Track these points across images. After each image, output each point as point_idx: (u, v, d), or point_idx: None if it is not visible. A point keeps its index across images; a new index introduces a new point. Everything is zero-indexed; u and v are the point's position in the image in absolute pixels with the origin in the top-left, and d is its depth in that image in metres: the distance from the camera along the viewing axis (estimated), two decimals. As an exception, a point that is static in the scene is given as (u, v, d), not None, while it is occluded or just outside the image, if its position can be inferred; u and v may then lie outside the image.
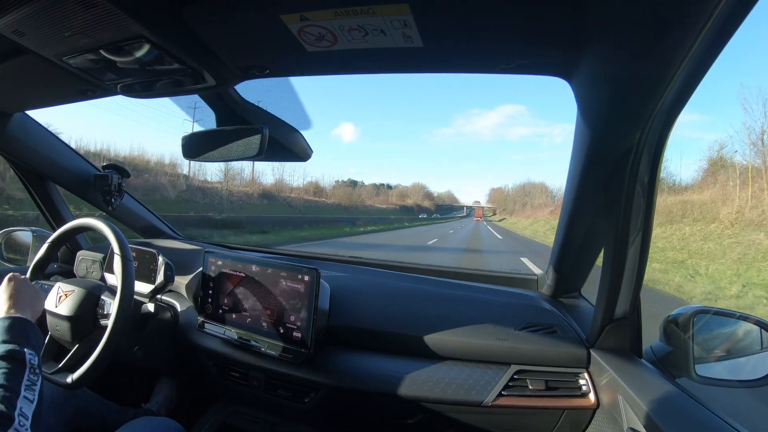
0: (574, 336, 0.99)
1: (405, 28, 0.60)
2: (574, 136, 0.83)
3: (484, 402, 0.92)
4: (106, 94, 0.97)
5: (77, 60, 0.74)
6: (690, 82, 0.59)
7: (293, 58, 0.74)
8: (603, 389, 0.89)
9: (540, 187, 75.55)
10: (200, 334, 1.15)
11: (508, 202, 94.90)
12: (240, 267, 1.09)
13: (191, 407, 1.41)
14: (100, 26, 0.63)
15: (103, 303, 0.97)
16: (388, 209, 75.88)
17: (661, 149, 0.71)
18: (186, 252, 1.50)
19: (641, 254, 0.78)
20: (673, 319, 0.90)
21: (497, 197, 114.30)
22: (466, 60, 0.71)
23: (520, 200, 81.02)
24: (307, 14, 0.59)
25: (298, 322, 1.00)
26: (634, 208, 0.76)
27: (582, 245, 1.05)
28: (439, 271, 1.46)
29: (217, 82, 0.81)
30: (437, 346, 1.02)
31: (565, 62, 0.65)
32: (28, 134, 1.27)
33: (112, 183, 1.43)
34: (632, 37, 0.53)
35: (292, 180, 53.09)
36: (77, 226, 1.05)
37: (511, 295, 1.21)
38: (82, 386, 0.89)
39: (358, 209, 54.72)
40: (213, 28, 0.67)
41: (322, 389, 1.01)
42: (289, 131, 1.00)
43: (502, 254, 12.52)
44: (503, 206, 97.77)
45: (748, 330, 0.88)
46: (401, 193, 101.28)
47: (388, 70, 0.78)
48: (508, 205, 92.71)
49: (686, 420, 0.69)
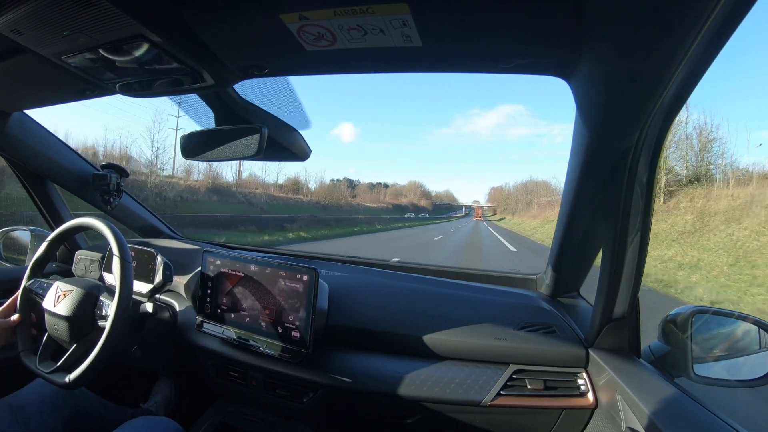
0: (572, 336, 1.00)
1: (404, 27, 0.60)
2: (572, 136, 0.83)
3: (483, 402, 0.92)
4: (104, 93, 0.97)
5: (76, 59, 0.74)
6: (688, 83, 0.59)
7: (292, 58, 0.74)
8: (601, 389, 0.89)
9: (543, 185, 69.61)
10: (199, 334, 1.15)
11: (509, 201, 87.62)
12: (239, 266, 1.09)
13: (190, 407, 1.41)
14: (99, 25, 0.62)
15: (101, 304, 0.97)
16: (378, 208, 70.75)
17: (660, 149, 0.71)
18: (185, 251, 1.49)
19: (640, 254, 0.79)
20: (672, 319, 0.90)
21: (498, 196, 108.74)
22: (465, 60, 0.71)
23: (523, 198, 74.00)
24: (307, 13, 0.59)
25: (297, 321, 1.00)
26: (633, 207, 0.76)
27: (581, 245, 1.05)
28: (438, 270, 1.46)
29: (216, 81, 0.81)
30: (436, 346, 1.02)
31: (564, 62, 0.65)
32: (27, 133, 1.27)
33: (111, 182, 1.43)
34: (631, 37, 0.54)
35: (268, 176, 47.26)
36: (76, 225, 1.05)
37: (510, 295, 1.21)
38: (79, 386, 0.89)
39: (342, 208, 47.75)
40: (212, 28, 0.67)
41: (321, 389, 1.01)
42: (288, 131, 1.00)
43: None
44: (504, 205, 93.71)
45: (747, 330, 0.89)
46: (397, 192, 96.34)
47: (388, 69, 0.78)
48: (509, 203, 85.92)
49: (685, 420, 0.69)
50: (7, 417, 0.97)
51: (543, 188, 67.79)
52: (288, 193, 40.84)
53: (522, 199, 73.79)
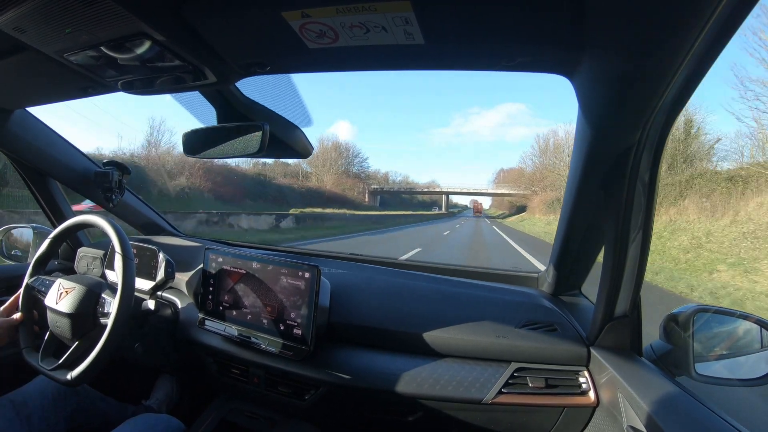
0: (574, 334, 1.00)
1: (407, 25, 0.59)
2: (575, 134, 0.83)
3: (484, 399, 0.92)
4: (106, 90, 0.97)
5: (78, 57, 0.74)
6: (691, 81, 0.59)
7: (294, 55, 0.74)
8: (603, 387, 0.89)
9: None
10: (200, 331, 1.15)
11: (540, 181, 39.11)
12: (240, 264, 1.09)
13: (191, 404, 1.42)
14: (100, 23, 0.63)
15: (103, 301, 0.97)
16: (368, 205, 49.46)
17: (662, 147, 0.71)
18: (186, 249, 1.50)
19: (642, 252, 0.79)
20: (674, 318, 0.90)
21: (512, 180, 56.12)
22: (467, 57, 0.71)
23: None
24: (309, 11, 0.59)
25: (299, 319, 1.00)
26: (635, 206, 0.76)
27: (583, 243, 1.05)
28: (440, 268, 1.46)
29: (218, 79, 0.81)
30: (437, 344, 1.02)
31: (566, 60, 0.65)
32: (29, 131, 1.27)
33: (113, 180, 1.43)
34: (633, 35, 0.53)
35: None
36: (78, 222, 1.05)
37: (512, 293, 1.21)
38: (81, 383, 0.89)
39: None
40: (214, 25, 0.67)
41: (323, 386, 1.02)
42: (290, 128, 1.00)
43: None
44: (522, 197, 49.07)
45: (748, 329, 0.89)
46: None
47: (390, 67, 0.78)
48: (537, 187, 39.89)
49: (686, 418, 0.69)
50: (10, 414, 0.97)
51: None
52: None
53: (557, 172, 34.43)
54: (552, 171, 37.32)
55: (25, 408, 1.00)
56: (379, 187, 61.65)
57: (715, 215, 11.69)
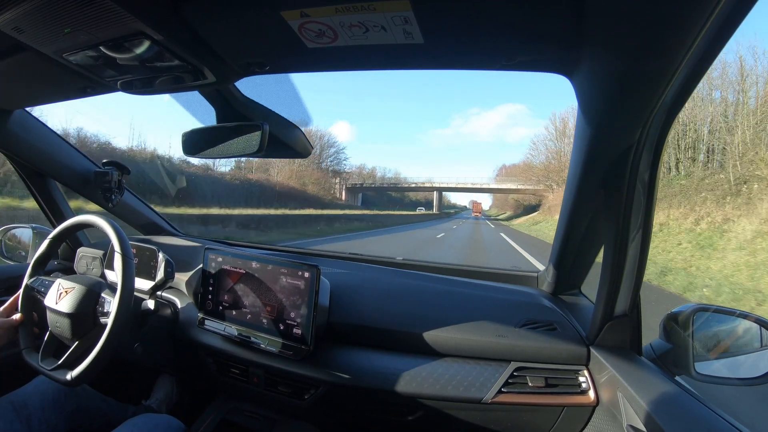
0: (574, 333, 1.00)
1: (406, 24, 0.59)
2: (575, 134, 0.83)
3: (484, 399, 0.92)
4: (105, 90, 0.97)
5: (77, 57, 0.74)
6: (691, 80, 0.59)
7: (293, 55, 0.74)
8: (603, 386, 0.89)
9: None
10: (200, 331, 1.15)
11: (559, 172, 31.94)
12: (240, 264, 1.09)
13: (191, 404, 1.42)
14: (99, 23, 0.62)
15: (103, 301, 0.97)
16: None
17: (662, 147, 0.71)
18: (186, 249, 1.50)
19: (641, 252, 0.79)
20: (673, 317, 0.90)
21: (518, 175, 48.00)
22: (467, 57, 0.71)
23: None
24: (308, 10, 0.59)
25: (298, 318, 1.00)
26: (635, 205, 0.76)
27: (582, 242, 1.05)
28: (440, 268, 1.46)
29: (217, 78, 0.81)
30: (437, 343, 1.02)
31: (566, 59, 0.65)
32: (28, 131, 1.27)
33: (112, 180, 1.43)
34: (633, 34, 0.53)
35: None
36: (78, 222, 1.05)
37: (512, 293, 1.21)
38: (81, 383, 0.89)
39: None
40: (213, 25, 0.67)
41: (322, 386, 1.02)
42: (289, 128, 1.00)
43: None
44: (533, 193, 41.48)
45: (748, 328, 0.89)
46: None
47: (389, 66, 0.78)
48: (553, 180, 33.31)
49: (685, 417, 0.69)
50: (10, 414, 0.97)
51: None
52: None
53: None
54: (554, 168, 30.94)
55: (25, 409, 1.00)
56: (358, 183, 51.19)
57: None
